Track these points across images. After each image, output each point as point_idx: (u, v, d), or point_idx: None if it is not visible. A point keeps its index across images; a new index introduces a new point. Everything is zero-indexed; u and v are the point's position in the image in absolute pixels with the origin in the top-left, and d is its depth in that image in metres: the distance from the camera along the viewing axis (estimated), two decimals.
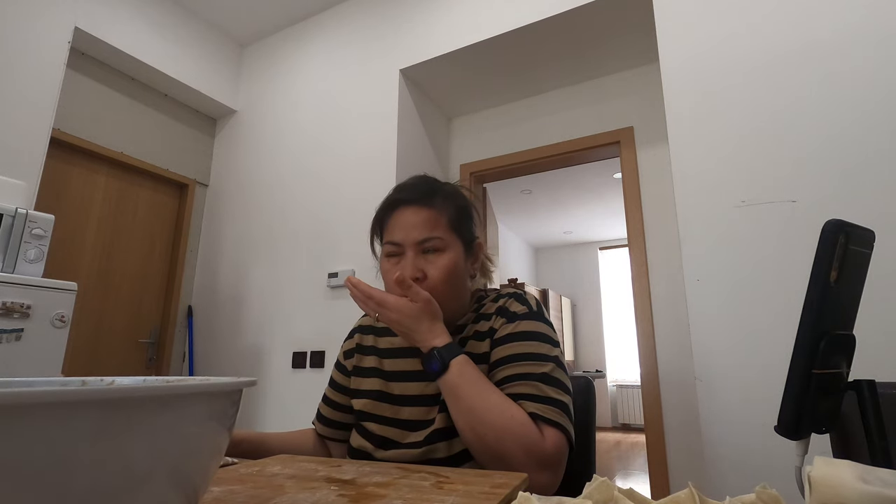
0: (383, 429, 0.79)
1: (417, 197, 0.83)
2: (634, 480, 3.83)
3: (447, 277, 0.80)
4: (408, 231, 0.81)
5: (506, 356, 0.75)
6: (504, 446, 0.65)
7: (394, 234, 0.82)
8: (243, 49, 3.30)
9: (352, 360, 0.91)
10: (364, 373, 0.87)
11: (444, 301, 0.78)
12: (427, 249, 0.80)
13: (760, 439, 1.32)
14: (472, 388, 0.69)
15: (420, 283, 0.78)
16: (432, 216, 0.82)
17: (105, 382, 0.39)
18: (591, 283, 7.07)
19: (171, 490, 0.28)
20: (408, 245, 0.80)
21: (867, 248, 0.48)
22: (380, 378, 0.84)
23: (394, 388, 0.82)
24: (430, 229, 0.81)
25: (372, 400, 0.83)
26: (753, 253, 1.46)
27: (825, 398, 0.46)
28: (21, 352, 1.62)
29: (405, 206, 0.83)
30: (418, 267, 0.79)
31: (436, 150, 2.84)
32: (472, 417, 0.67)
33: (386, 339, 0.89)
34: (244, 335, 2.71)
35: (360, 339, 0.92)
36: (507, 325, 0.79)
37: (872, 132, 1.38)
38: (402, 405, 0.80)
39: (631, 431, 6.39)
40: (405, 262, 0.80)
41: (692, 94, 1.65)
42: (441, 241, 0.81)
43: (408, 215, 0.82)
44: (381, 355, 0.87)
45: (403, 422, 0.79)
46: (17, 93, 2.09)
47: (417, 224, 0.81)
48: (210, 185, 3.19)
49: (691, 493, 0.36)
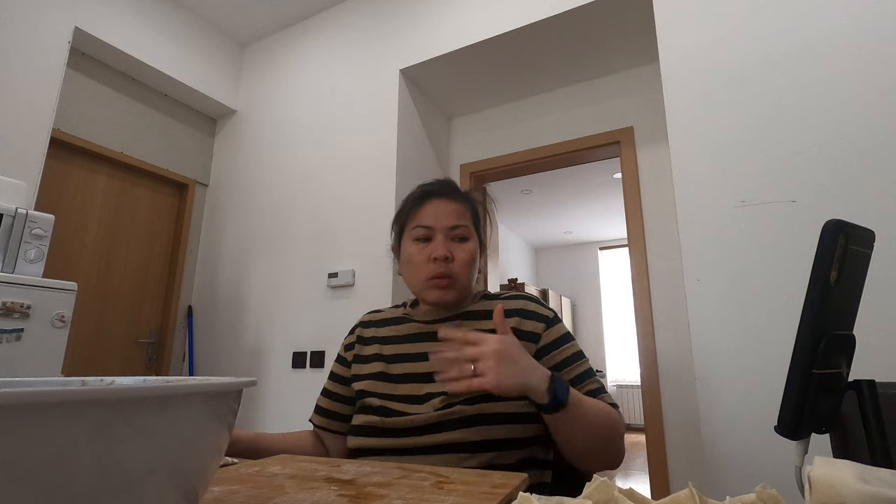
0: (384, 402, 0.83)
1: (448, 191, 0.93)
2: (634, 480, 3.83)
3: (471, 261, 0.89)
4: (439, 217, 0.89)
5: (565, 358, 0.83)
6: (617, 441, 0.75)
7: (425, 219, 0.89)
8: (243, 49, 3.30)
9: (352, 351, 0.95)
10: (365, 359, 0.92)
11: (465, 284, 0.89)
12: (455, 237, 0.89)
13: (760, 439, 1.32)
14: (589, 407, 0.72)
15: (448, 263, 0.86)
16: (460, 209, 0.91)
17: (105, 382, 0.39)
18: (591, 283, 7.07)
19: (171, 490, 0.28)
20: (438, 229, 0.88)
21: (867, 248, 0.48)
22: (381, 362, 0.89)
23: (393, 368, 0.87)
24: (459, 218, 0.90)
25: (373, 380, 0.87)
26: (753, 253, 1.46)
27: (825, 398, 0.46)
28: (21, 352, 1.62)
29: (437, 198, 0.91)
30: (448, 249, 0.87)
31: (436, 150, 2.84)
32: (598, 431, 0.72)
33: (387, 328, 0.94)
34: (244, 335, 2.71)
35: (360, 332, 0.97)
36: (550, 330, 0.86)
37: (872, 132, 1.38)
38: (399, 382, 0.85)
39: (631, 431, 6.39)
40: (436, 244, 0.87)
41: (692, 94, 1.65)
42: (467, 230, 0.90)
43: (439, 205, 0.90)
44: (382, 342, 0.92)
45: (402, 396, 0.83)
46: (17, 93, 2.09)
47: (449, 213, 0.90)
48: (210, 185, 3.19)
49: (691, 493, 0.36)
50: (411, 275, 0.90)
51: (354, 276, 2.41)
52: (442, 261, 0.85)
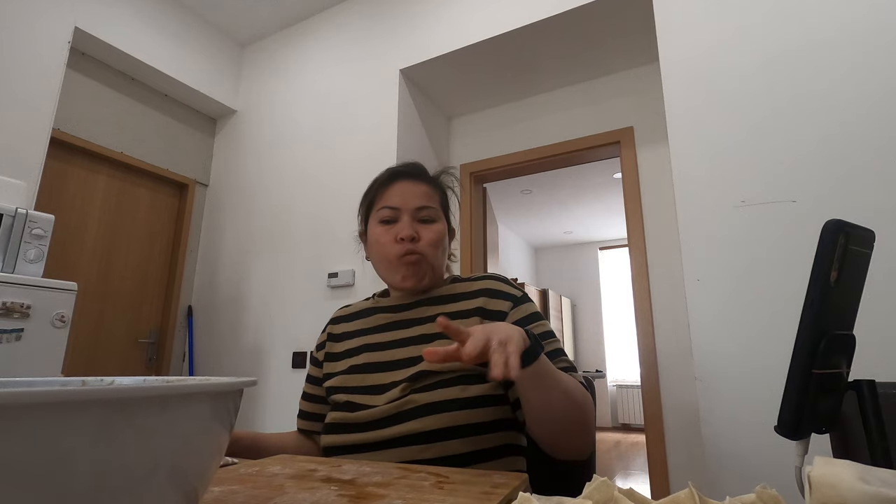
0: (350, 396, 0.81)
1: (416, 173, 0.91)
2: (634, 480, 3.83)
3: (438, 242, 0.87)
4: (406, 199, 0.87)
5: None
6: (588, 420, 0.71)
7: (392, 199, 0.87)
8: (243, 49, 3.30)
9: (323, 350, 0.94)
10: (336, 357, 0.91)
11: (435, 266, 0.87)
12: (422, 218, 0.87)
13: (760, 439, 1.32)
14: (561, 375, 0.68)
15: (414, 243, 0.84)
16: (428, 191, 0.90)
17: (105, 382, 0.39)
18: (591, 283, 7.07)
19: (171, 490, 0.28)
20: (405, 210, 0.86)
21: (867, 248, 0.48)
22: (350, 357, 0.88)
23: (360, 359, 0.86)
24: (426, 200, 0.88)
25: (343, 374, 0.86)
26: (753, 253, 1.46)
27: (825, 398, 0.46)
28: (21, 352, 1.62)
29: (404, 179, 0.90)
30: (415, 229, 0.85)
31: (436, 150, 2.84)
32: (569, 404, 0.67)
33: (357, 321, 0.93)
34: (244, 335, 2.71)
35: (331, 329, 0.96)
36: (518, 308, 0.84)
37: (872, 132, 1.38)
38: (367, 373, 0.83)
39: (631, 431, 6.39)
40: (402, 224, 0.85)
41: (692, 94, 1.65)
42: (434, 212, 0.88)
43: (406, 186, 0.89)
44: (351, 336, 0.91)
45: (369, 387, 0.81)
46: (17, 93, 2.09)
47: (416, 194, 0.88)
48: (210, 185, 3.19)
49: (691, 493, 0.36)
50: (378, 257, 0.88)
51: (354, 276, 2.41)
52: (408, 241, 0.84)
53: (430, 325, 0.84)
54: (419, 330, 0.85)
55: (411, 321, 0.87)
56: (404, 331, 0.86)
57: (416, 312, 0.88)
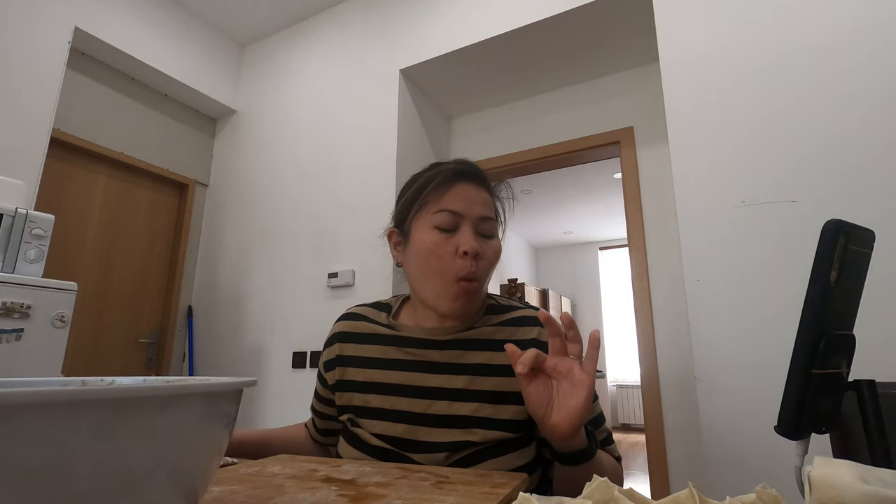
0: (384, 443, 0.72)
1: (481, 176, 0.78)
2: (634, 480, 3.83)
3: (495, 263, 0.75)
4: (471, 205, 0.73)
5: None
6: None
7: (454, 203, 0.73)
8: (243, 49, 3.30)
9: (333, 372, 0.81)
10: (348, 387, 0.79)
11: (483, 293, 0.76)
12: (482, 231, 0.74)
13: (760, 439, 1.32)
14: (603, 464, 0.63)
15: (478, 260, 0.71)
16: (490, 200, 0.77)
17: (105, 382, 0.39)
18: (591, 283, 7.07)
19: (171, 490, 0.28)
20: (469, 218, 0.72)
21: (867, 248, 0.48)
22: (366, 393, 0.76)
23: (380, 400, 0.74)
24: (489, 210, 0.76)
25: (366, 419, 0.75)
26: (753, 253, 1.46)
27: (825, 398, 0.46)
28: (21, 352, 1.62)
29: (468, 181, 0.75)
30: (479, 244, 0.71)
31: (436, 150, 2.84)
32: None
33: (369, 347, 0.80)
34: (244, 335, 2.71)
35: (340, 350, 0.82)
36: None
37: (872, 132, 1.38)
38: (393, 421, 0.73)
39: (631, 431, 6.39)
40: (465, 236, 0.71)
41: (692, 94, 1.65)
42: (495, 227, 0.76)
43: (471, 190, 0.75)
44: (363, 364, 0.79)
45: (404, 441, 0.71)
46: (17, 93, 2.09)
47: (480, 201, 0.74)
48: (210, 185, 3.19)
49: (691, 493, 0.36)
50: (426, 269, 0.72)
51: (354, 276, 2.41)
52: (472, 257, 0.70)
53: (467, 379, 0.72)
54: (450, 381, 0.72)
55: (441, 366, 0.74)
56: (432, 377, 0.73)
57: (448, 356, 0.74)
